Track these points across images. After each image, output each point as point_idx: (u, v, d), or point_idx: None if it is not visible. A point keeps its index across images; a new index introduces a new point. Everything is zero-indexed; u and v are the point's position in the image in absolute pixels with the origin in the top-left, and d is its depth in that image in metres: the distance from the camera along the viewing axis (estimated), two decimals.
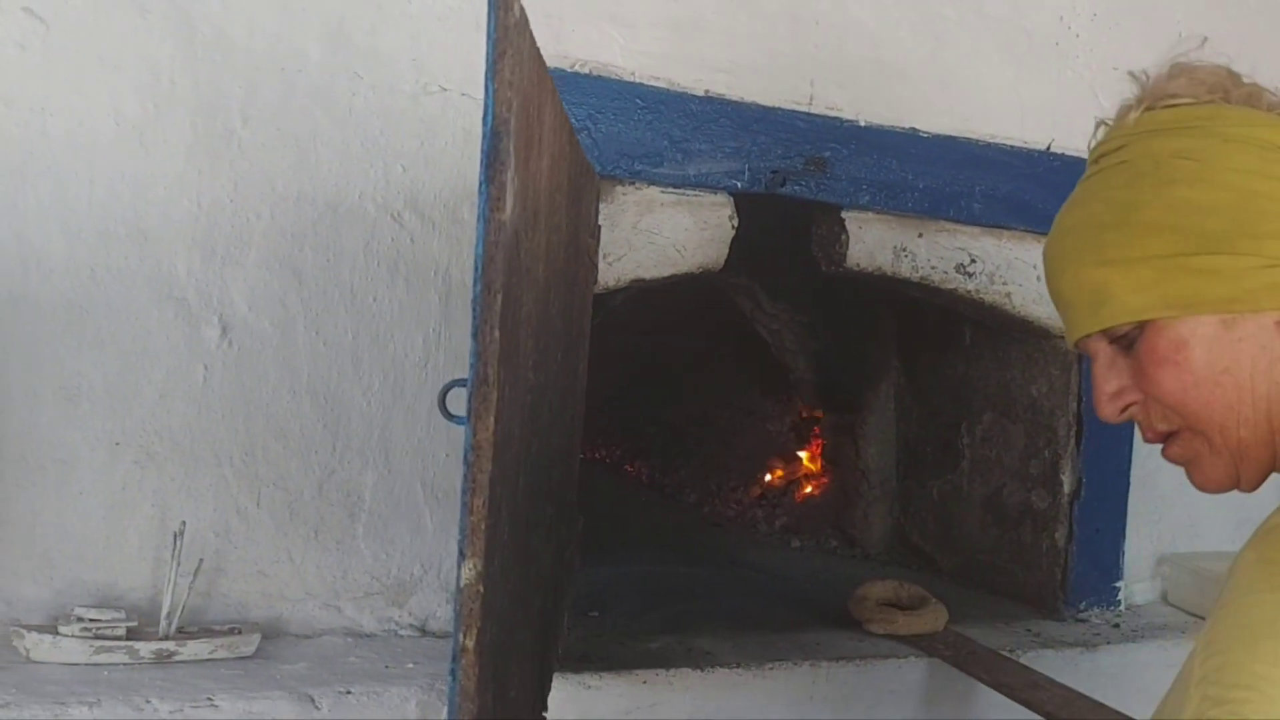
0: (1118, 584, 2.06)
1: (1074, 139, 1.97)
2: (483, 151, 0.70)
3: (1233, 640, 0.68)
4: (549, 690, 1.31)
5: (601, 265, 1.62)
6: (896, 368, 2.55)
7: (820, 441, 2.87)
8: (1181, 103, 0.88)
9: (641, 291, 2.31)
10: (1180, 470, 2.32)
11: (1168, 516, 2.14)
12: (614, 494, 3.24)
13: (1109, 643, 1.88)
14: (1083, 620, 2.01)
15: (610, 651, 1.58)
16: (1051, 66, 1.95)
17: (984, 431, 2.26)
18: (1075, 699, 1.48)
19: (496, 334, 0.71)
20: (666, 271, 1.71)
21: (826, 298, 2.50)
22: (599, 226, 1.58)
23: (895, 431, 2.57)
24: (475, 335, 0.70)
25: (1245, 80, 0.90)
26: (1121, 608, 2.06)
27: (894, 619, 1.75)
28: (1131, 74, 0.94)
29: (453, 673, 0.72)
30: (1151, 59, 2.22)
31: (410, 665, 1.47)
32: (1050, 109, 1.95)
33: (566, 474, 1.36)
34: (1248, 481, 0.88)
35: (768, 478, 2.94)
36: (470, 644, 0.71)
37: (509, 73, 0.70)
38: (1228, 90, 0.88)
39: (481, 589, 0.71)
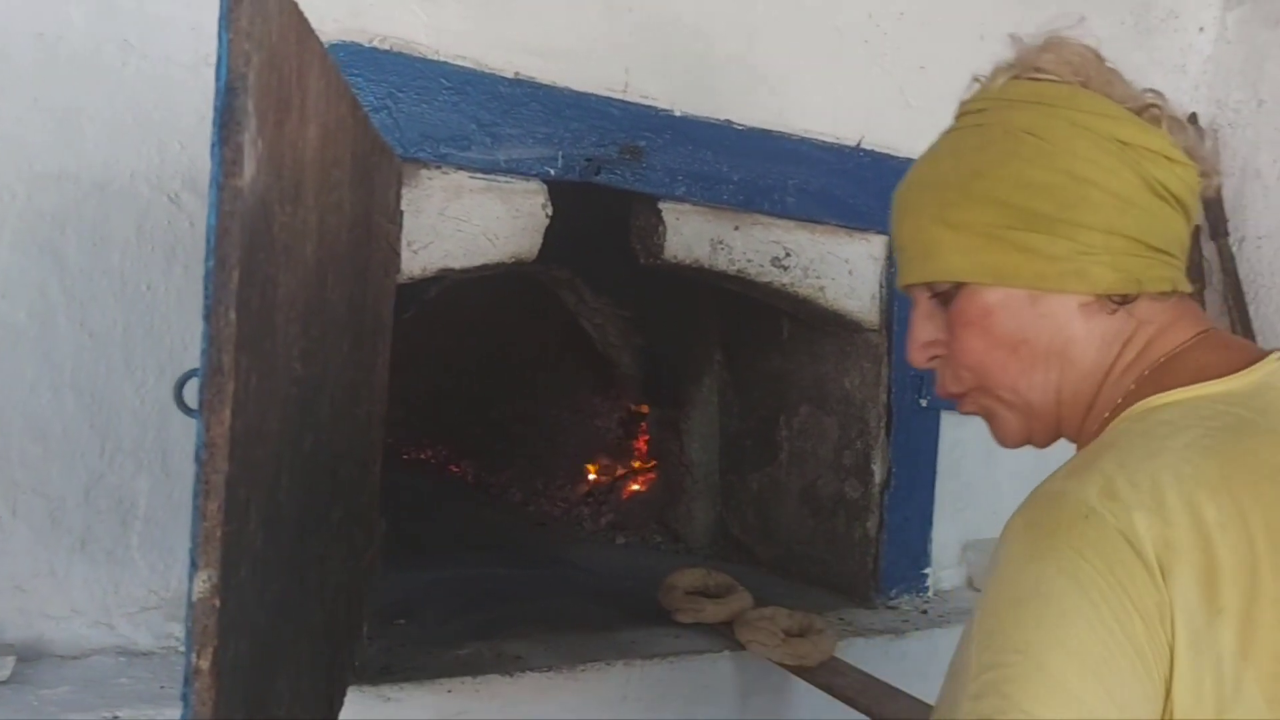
0: (926, 571, 2.12)
1: (884, 135, 2.00)
2: (216, 109, 0.62)
3: (1004, 607, 0.73)
4: (340, 706, 1.22)
5: (406, 253, 1.54)
6: (719, 361, 2.55)
7: (646, 437, 2.86)
8: (1045, 78, 0.91)
9: (461, 285, 2.23)
10: (984, 459, 2.38)
11: (972, 504, 2.21)
12: (438, 495, 3.14)
13: (917, 629, 1.92)
14: (893, 607, 2.05)
15: (414, 661, 1.50)
16: (861, 63, 1.98)
17: (801, 424, 2.28)
18: (871, 684, 1.50)
19: (233, 316, 0.63)
20: (477, 261, 1.64)
21: (649, 291, 2.48)
22: (401, 211, 1.49)
23: (718, 425, 2.57)
24: (207, 318, 0.62)
25: (1108, 66, 0.92)
26: (930, 594, 2.12)
27: (702, 607, 1.74)
28: (1011, 36, 0.96)
29: (185, 698, 0.63)
30: (957, 58, 2.27)
31: None
32: (861, 105, 1.98)
33: (360, 474, 1.28)
34: (1039, 439, 0.95)
35: (594, 475, 2.91)
36: (205, 665, 0.63)
37: (246, 22, 0.62)
38: (1090, 74, 0.90)
39: (218, 603, 0.63)
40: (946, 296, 0.93)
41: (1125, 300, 0.87)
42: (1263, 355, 0.85)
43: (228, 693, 0.67)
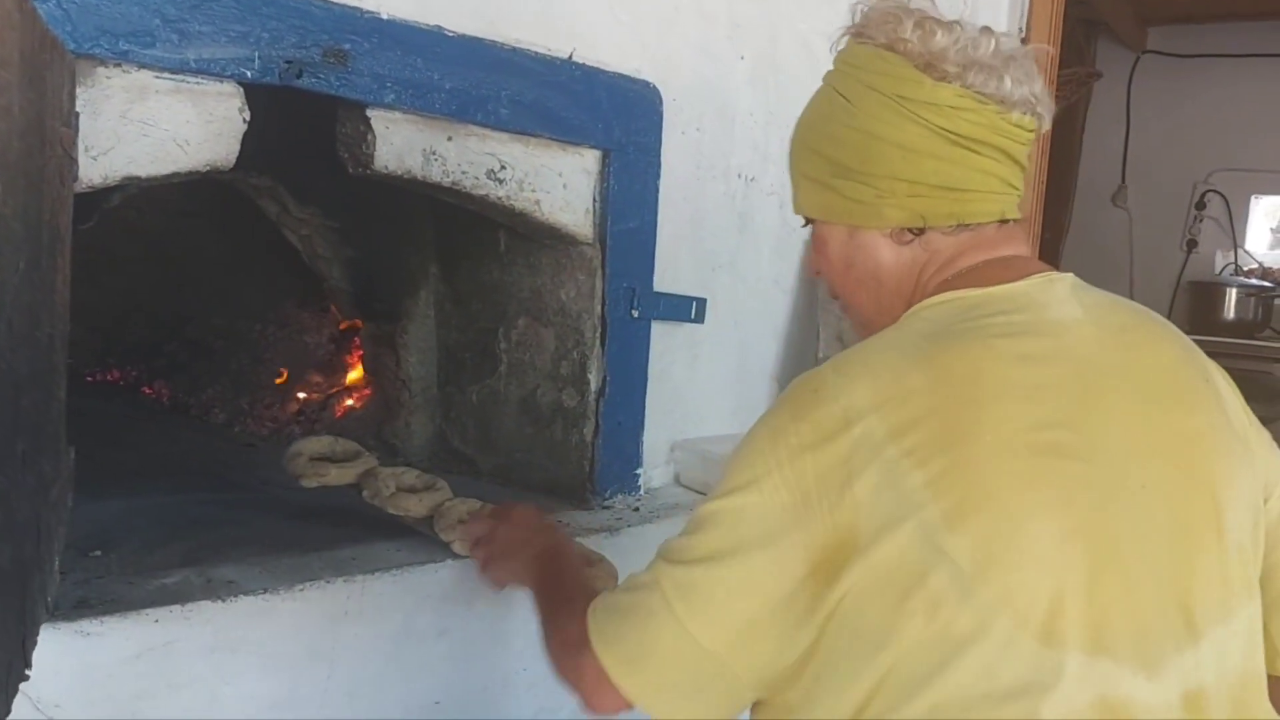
0: (638, 471, 2.24)
1: (595, 50, 2.03)
2: None
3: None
4: (34, 645, 1.14)
5: (84, 159, 1.40)
6: (436, 275, 2.52)
7: (360, 352, 2.79)
8: (861, 41, 1.08)
9: (147, 192, 2.06)
10: (689, 365, 2.54)
11: (679, 407, 2.35)
12: (129, 419, 2.92)
13: (629, 525, 2.04)
14: (608, 507, 2.16)
15: (116, 593, 1.41)
16: None
17: (519, 336, 2.32)
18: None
19: None
20: (167, 169, 1.52)
21: (359, 202, 2.40)
22: (77, 114, 1.36)
23: (436, 339, 2.56)
24: None
25: (926, 21, 1.05)
26: (641, 493, 2.25)
27: (326, 472, 1.78)
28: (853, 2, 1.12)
29: None
30: None
31: None
32: (570, 19, 1.99)
33: (45, 402, 1.18)
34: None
35: (304, 394, 2.82)
36: None
37: None
38: (896, 36, 1.05)
39: None
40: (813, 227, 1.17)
41: (920, 233, 1.07)
42: (1039, 271, 1.04)
43: None
